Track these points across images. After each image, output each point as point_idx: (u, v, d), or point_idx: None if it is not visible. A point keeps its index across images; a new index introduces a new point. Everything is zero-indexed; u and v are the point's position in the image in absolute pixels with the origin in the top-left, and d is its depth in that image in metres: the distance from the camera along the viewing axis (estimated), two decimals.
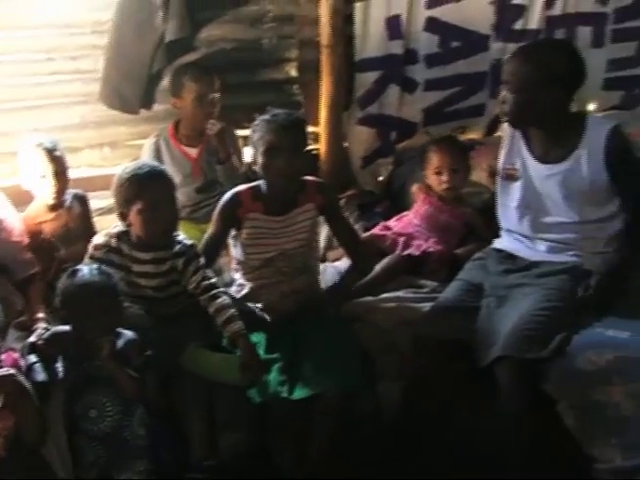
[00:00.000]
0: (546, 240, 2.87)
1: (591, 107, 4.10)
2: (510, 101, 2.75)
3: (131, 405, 2.43)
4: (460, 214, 3.32)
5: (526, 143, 2.88)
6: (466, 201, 3.37)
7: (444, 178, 3.25)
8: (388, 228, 3.29)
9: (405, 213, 3.38)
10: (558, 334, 2.55)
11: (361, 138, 3.83)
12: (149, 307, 2.68)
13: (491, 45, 3.85)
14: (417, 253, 3.14)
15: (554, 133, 2.81)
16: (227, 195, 2.82)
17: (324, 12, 3.57)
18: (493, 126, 3.92)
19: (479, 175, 3.43)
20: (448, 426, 2.78)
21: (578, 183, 2.78)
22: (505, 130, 3.00)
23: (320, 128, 3.76)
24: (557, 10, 3.91)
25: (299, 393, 2.55)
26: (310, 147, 3.68)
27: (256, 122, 2.73)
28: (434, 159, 3.29)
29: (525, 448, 2.52)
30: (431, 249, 3.16)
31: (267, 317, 2.75)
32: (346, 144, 3.84)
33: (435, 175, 3.28)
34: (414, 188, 3.40)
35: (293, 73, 3.86)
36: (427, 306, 2.88)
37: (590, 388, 2.38)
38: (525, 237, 2.92)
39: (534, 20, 3.88)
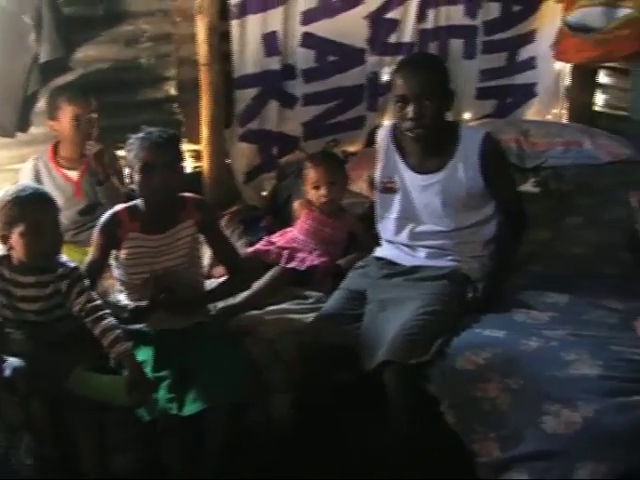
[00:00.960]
0: (425, 247, 2.99)
1: (466, 116, 4.30)
2: (428, 112, 2.82)
3: (17, 433, 2.41)
4: (342, 225, 3.41)
5: (401, 155, 2.99)
6: (347, 212, 3.46)
7: (322, 192, 3.33)
8: (272, 243, 3.35)
9: (289, 229, 3.44)
10: (439, 337, 2.65)
11: (243, 154, 3.91)
12: (32, 332, 2.67)
13: (367, 58, 4.00)
14: (302, 268, 3.21)
15: (429, 143, 2.92)
16: (105, 216, 2.82)
17: (200, 30, 3.64)
18: (372, 138, 4.05)
19: (359, 186, 3.54)
20: (338, 435, 2.86)
21: (456, 190, 2.91)
22: (379, 143, 3.09)
23: (202, 146, 3.82)
24: (429, 24, 4.10)
25: (189, 409, 2.57)
26: (188, 164, 3.79)
27: (130, 141, 2.75)
28: (311, 174, 3.37)
29: (413, 449, 2.62)
30: (315, 262, 3.23)
31: (153, 335, 2.78)
32: (229, 160, 3.91)
33: (314, 190, 3.36)
34: (296, 204, 3.47)
35: (172, 92, 3.91)
36: (312, 316, 2.94)
37: (469, 386, 2.47)
38: (405, 245, 3.03)
39: (408, 33, 4.05)
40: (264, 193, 4.01)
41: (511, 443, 2.30)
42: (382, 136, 3.08)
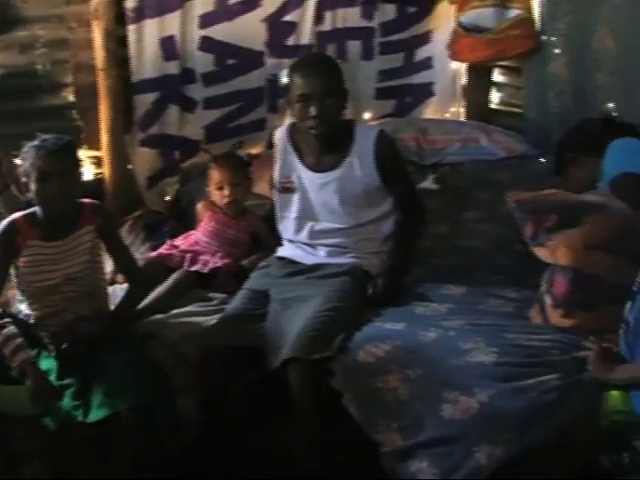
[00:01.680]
0: (325, 245, 3.06)
1: (366, 116, 4.38)
2: (329, 111, 2.89)
3: None
4: (245, 226, 3.43)
5: (298, 155, 3.05)
6: (251, 213, 3.49)
7: (225, 192, 3.36)
8: (175, 246, 3.35)
9: (192, 232, 3.46)
10: (341, 332, 2.71)
11: (144, 159, 3.90)
12: None
13: (266, 61, 4.04)
14: (205, 270, 3.24)
15: (326, 142, 2.99)
16: (2, 224, 2.79)
17: (97, 35, 3.63)
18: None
19: (262, 187, 3.57)
20: (245, 434, 2.89)
21: (352, 188, 2.99)
22: (277, 144, 3.15)
23: (102, 152, 3.81)
24: (327, 26, 4.16)
25: (94, 415, 2.57)
26: (88, 170, 3.76)
27: (25, 149, 2.73)
28: (215, 175, 3.39)
29: (319, 445, 2.67)
30: (218, 264, 3.26)
31: (56, 344, 2.76)
32: (130, 166, 3.90)
33: (217, 190, 3.38)
34: (199, 206, 3.49)
35: (71, 98, 3.87)
36: (216, 318, 2.96)
37: (370, 378, 2.53)
38: (305, 244, 3.09)
39: (306, 36, 4.10)
40: (167, 198, 4.01)
41: (412, 432, 2.38)
42: (279, 137, 3.14)
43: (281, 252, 3.16)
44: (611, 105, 3.92)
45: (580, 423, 2.30)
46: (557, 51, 4.11)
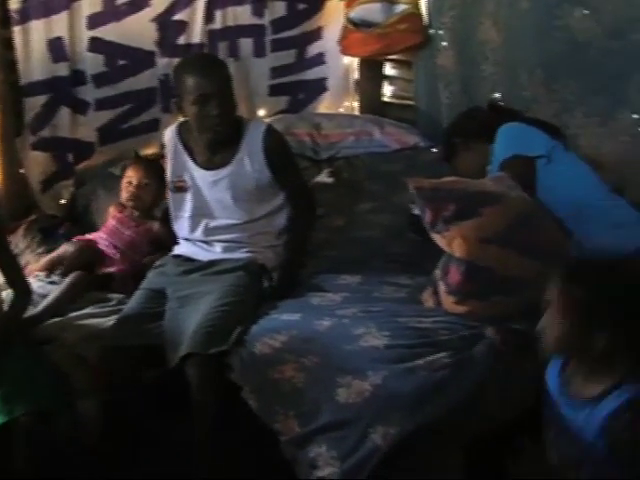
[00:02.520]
0: (220, 241, 3.08)
1: (261, 113, 4.42)
2: (227, 110, 2.93)
3: None
4: (146, 230, 3.44)
5: (189, 154, 3.07)
6: (155, 216, 3.49)
7: (131, 189, 3.40)
8: None
9: (94, 234, 3.45)
10: (237, 326, 2.73)
11: (37, 163, 3.84)
12: None
13: (157, 61, 4.03)
14: (100, 272, 3.23)
15: (216, 140, 3.01)
16: None
17: None
18: None
19: None
20: (148, 434, 2.90)
21: (244, 184, 3.02)
22: (167, 144, 3.17)
23: None
24: (217, 24, 4.18)
25: None
26: None
27: None
28: (129, 171, 3.44)
29: (220, 439, 2.69)
30: (115, 265, 3.25)
31: None
32: (22, 170, 3.84)
33: (126, 184, 3.42)
34: (110, 208, 3.49)
35: None
36: (114, 319, 2.96)
37: (267, 369, 2.55)
38: (201, 241, 3.11)
39: (196, 35, 4.11)
40: (62, 201, 3.96)
41: (309, 418, 2.40)
42: (168, 137, 3.16)
43: (177, 250, 3.17)
44: (497, 95, 4.05)
45: (471, 398, 2.38)
46: (444, 44, 4.22)
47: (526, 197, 2.79)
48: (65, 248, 3.32)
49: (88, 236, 3.43)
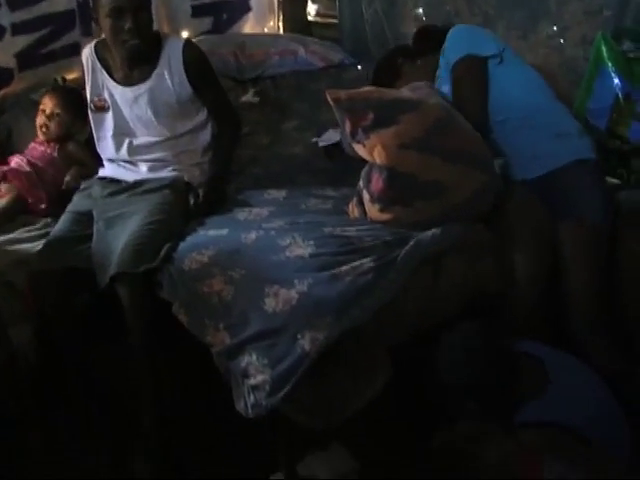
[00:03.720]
0: (145, 161, 3.05)
1: (184, 34, 4.33)
2: (144, 24, 2.86)
3: None
4: (66, 155, 3.37)
5: (107, 72, 3.01)
6: (72, 143, 3.40)
7: (42, 120, 3.32)
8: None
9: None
10: (166, 244, 2.72)
11: None
12: None
13: None
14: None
15: (134, 55, 2.94)
16: None
17: None
18: None
19: None
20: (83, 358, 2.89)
21: (165, 99, 2.98)
22: (84, 64, 3.08)
23: None
24: None
25: None
26: None
27: None
28: (45, 99, 3.35)
29: (152, 363, 2.69)
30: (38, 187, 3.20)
31: None
32: None
33: (40, 113, 3.34)
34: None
35: None
36: (41, 243, 2.91)
37: (196, 284, 2.55)
38: (126, 162, 3.07)
39: None
40: None
41: (239, 329, 2.41)
42: (86, 56, 3.08)
43: (102, 172, 3.12)
44: (419, 10, 4.03)
45: (395, 300, 2.42)
46: None
47: (444, 103, 2.79)
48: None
49: (12, 165, 3.34)
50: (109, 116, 3.02)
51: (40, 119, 3.34)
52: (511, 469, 2.14)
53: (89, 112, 3.10)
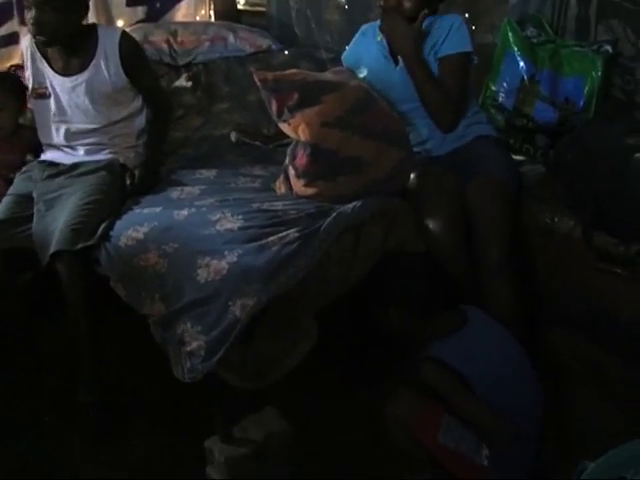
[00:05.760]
0: (82, 145, 3.06)
1: (119, 23, 4.33)
2: (48, 21, 2.83)
3: None
4: (20, 146, 3.27)
5: (47, 61, 3.00)
6: (23, 128, 3.30)
7: None
8: None
9: None
10: (103, 222, 2.75)
11: None
12: None
13: None
14: None
15: (71, 46, 2.96)
16: None
17: None
18: None
19: None
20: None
21: (101, 88, 2.99)
22: (24, 52, 3.08)
23: None
24: None
25: None
26: None
27: None
28: None
29: (92, 335, 2.73)
30: None
31: None
32: None
33: None
34: None
35: None
36: None
37: (132, 259, 2.59)
38: (64, 146, 3.08)
39: None
40: None
41: (173, 299, 2.46)
42: (25, 45, 3.08)
43: (42, 156, 3.13)
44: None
45: (319, 266, 2.50)
46: None
47: (363, 85, 2.87)
48: None
49: None
50: (49, 103, 3.03)
51: None
52: (410, 427, 2.25)
53: (30, 99, 3.10)
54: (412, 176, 2.89)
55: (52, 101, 3.04)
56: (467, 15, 3.60)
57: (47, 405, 2.81)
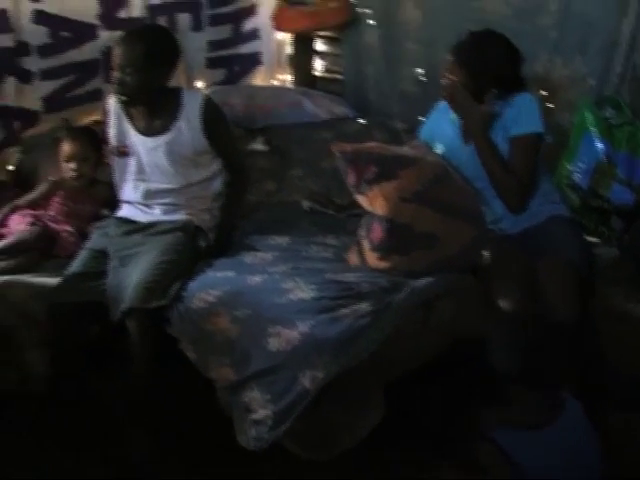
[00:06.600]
0: (160, 204, 3.09)
1: (199, 84, 4.39)
2: (128, 82, 2.88)
3: None
4: (96, 198, 3.36)
5: (130, 120, 3.05)
6: (100, 183, 3.40)
7: (71, 166, 3.29)
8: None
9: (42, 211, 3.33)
10: (175, 282, 2.77)
11: None
12: None
13: (99, 34, 3.96)
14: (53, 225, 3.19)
15: (155, 108, 3.01)
16: None
17: None
18: None
19: None
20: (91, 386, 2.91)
21: (182, 151, 3.02)
22: (110, 111, 3.12)
23: None
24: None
25: None
26: None
27: None
28: (65, 148, 3.32)
29: (155, 391, 2.71)
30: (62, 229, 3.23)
31: None
32: None
33: (65, 163, 3.31)
34: (46, 185, 3.39)
35: None
36: (59, 277, 2.93)
37: (202, 322, 2.60)
38: (141, 204, 3.11)
39: (137, 9, 4.05)
40: (10, 167, 3.89)
41: (242, 366, 2.46)
42: (112, 104, 3.12)
43: (119, 213, 3.17)
44: (419, 70, 4.11)
45: (390, 341, 2.46)
46: (370, 22, 4.29)
47: (441, 161, 2.86)
48: (24, 234, 3.16)
49: (33, 212, 3.31)
50: (130, 161, 3.07)
51: (69, 165, 3.30)
52: None
53: (112, 156, 3.14)
54: (484, 253, 2.85)
55: (133, 160, 3.08)
56: (543, 93, 3.58)
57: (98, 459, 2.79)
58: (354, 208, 3.13)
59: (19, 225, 3.23)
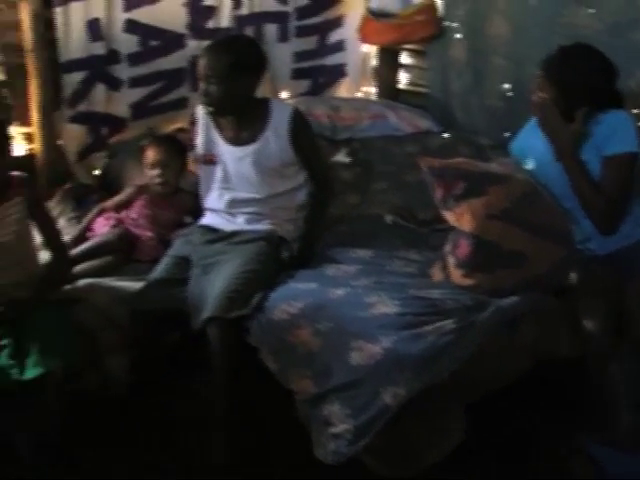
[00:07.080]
0: (243, 213, 3.09)
1: (283, 95, 4.42)
2: (214, 92, 2.89)
3: None
4: (179, 206, 3.41)
5: (218, 130, 3.06)
6: (183, 191, 3.44)
7: (155, 172, 3.33)
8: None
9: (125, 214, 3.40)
10: (257, 293, 2.77)
11: (73, 135, 3.85)
12: None
13: (187, 43, 4.03)
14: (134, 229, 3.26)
15: (243, 118, 3.01)
16: None
17: (25, 17, 3.56)
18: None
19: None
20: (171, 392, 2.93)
21: (268, 161, 3.02)
22: (198, 119, 3.13)
23: (33, 128, 3.76)
24: (245, 10, 4.18)
25: (30, 373, 2.55)
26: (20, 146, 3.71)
27: None
28: (149, 154, 3.36)
29: (234, 401, 2.71)
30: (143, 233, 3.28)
31: None
32: (60, 141, 3.85)
33: (149, 170, 3.36)
34: (132, 189, 3.45)
35: (1, 77, 3.80)
36: (142, 282, 2.97)
37: (284, 333, 2.60)
38: (225, 213, 3.11)
39: (225, 19, 4.12)
40: (96, 171, 3.98)
41: (323, 379, 2.45)
42: (200, 113, 3.14)
43: (202, 221, 3.18)
44: (506, 86, 4.05)
45: (472, 359, 2.41)
46: (458, 36, 4.26)
47: (530, 179, 2.80)
48: (108, 236, 3.26)
49: (117, 215, 3.39)
50: (217, 170, 3.08)
51: (153, 175, 3.35)
52: None
53: (199, 165, 3.17)
54: (572, 274, 2.78)
55: (219, 168, 3.09)
56: (635, 111, 3.48)
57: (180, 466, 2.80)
58: (437, 223, 3.10)
59: (103, 228, 3.31)
